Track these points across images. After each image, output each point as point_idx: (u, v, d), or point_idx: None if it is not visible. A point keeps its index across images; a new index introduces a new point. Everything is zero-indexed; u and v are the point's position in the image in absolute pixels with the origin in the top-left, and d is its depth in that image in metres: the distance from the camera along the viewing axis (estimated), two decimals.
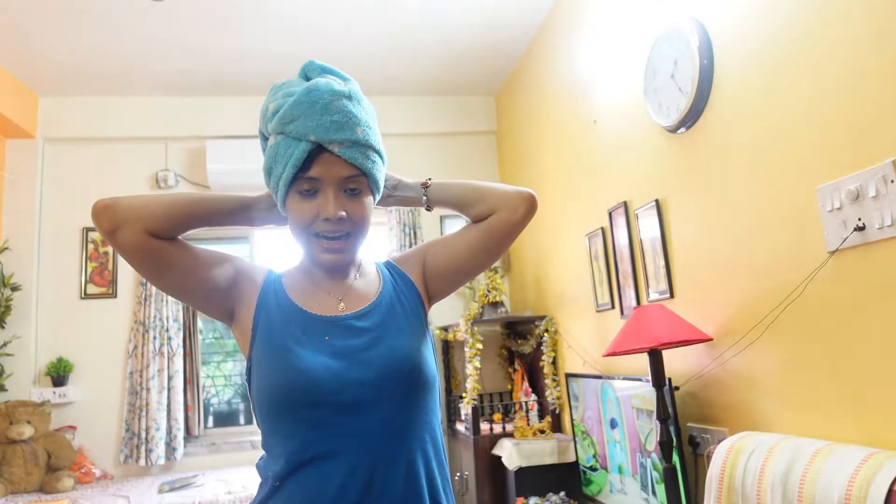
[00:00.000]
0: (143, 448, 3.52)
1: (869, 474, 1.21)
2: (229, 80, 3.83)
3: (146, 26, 3.19)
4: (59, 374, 3.57)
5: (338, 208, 0.98)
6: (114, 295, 3.80)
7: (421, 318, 1.10)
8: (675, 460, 1.92)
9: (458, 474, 3.44)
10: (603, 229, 2.72)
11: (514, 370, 3.72)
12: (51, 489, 3.17)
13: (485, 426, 3.23)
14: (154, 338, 3.66)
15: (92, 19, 3.09)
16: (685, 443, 2.08)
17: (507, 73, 4.02)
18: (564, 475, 2.91)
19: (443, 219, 4.22)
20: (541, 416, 3.29)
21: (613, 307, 2.66)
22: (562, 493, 2.82)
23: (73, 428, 3.56)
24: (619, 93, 2.56)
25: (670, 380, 1.96)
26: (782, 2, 1.64)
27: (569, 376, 2.86)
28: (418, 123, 4.25)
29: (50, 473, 3.24)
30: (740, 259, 1.84)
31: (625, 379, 2.31)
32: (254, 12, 3.14)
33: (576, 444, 2.79)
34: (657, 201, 2.26)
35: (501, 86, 4.21)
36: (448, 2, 3.17)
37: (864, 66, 1.40)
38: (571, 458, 2.89)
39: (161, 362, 3.65)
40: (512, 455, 2.91)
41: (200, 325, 3.97)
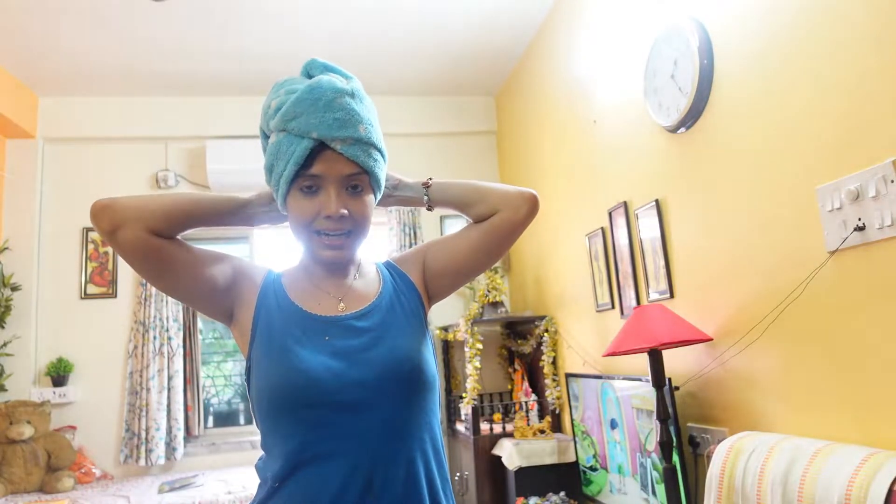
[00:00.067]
0: (143, 448, 3.52)
1: (869, 474, 1.21)
2: (229, 80, 3.83)
3: (146, 26, 3.19)
4: (59, 374, 3.57)
5: (339, 206, 0.98)
6: (114, 295, 3.80)
7: (421, 318, 1.10)
8: (675, 460, 1.92)
9: (458, 474, 3.44)
10: (603, 229, 2.72)
11: (514, 370, 3.72)
12: (51, 489, 3.17)
13: (485, 426, 3.22)
14: (154, 338, 3.67)
15: (92, 19, 3.09)
16: (685, 443, 2.08)
17: (507, 73, 4.02)
18: (564, 475, 2.91)
19: (443, 219, 4.22)
20: (541, 416, 3.29)
21: (613, 307, 2.66)
22: (562, 494, 2.82)
23: (73, 428, 3.56)
24: (619, 93, 2.56)
25: (670, 380, 1.96)
26: (783, 2, 1.63)
27: (569, 376, 2.86)
28: (418, 123, 4.25)
29: (50, 473, 3.24)
30: (740, 259, 1.84)
31: (625, 379, 2.31)
32: (254, 12, 3.14)
33: (576, 444, 2.79)
34: (657, 201, 2.26)
35: (501, 86, 4.21)
36: (448, 2, 3.17)
37: (864, 66, 1.40)
38: (571, 458, 2.89)
39: (161, 362, 3.65)
40: (512, 455, 2.90)
41: (200, 325, 3.96)
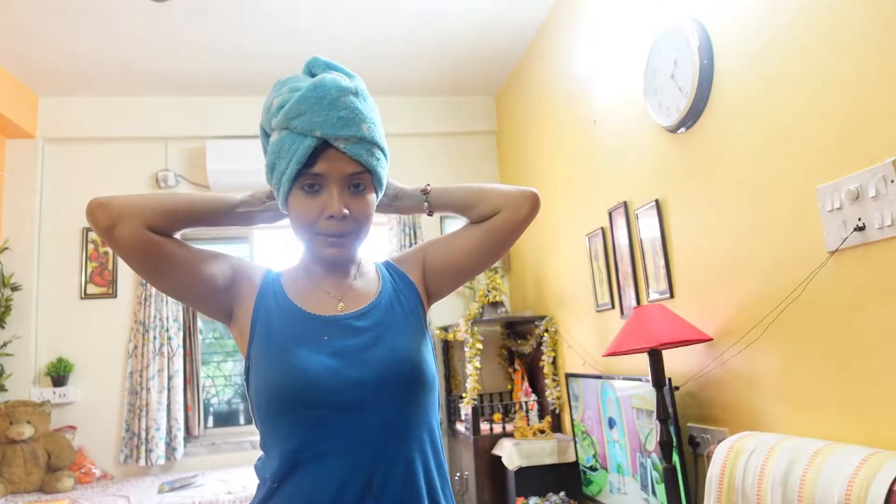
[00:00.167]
0: (143, 448, 3.52)
1: (869, 474, 1.21)
2: (229, 80, 3.83)
3: (146, 26, 3.19)
4: (59, 374, 3.57)
5: (342, 205, 0.97)
6: (114, 295, 3.80)
7: (420, 317, 1.10)
8: (675, 460, 1.92)
9: (458, 474, 3.44)
10: (603, 229, 2.72)
11: (514, 370, 3.71)
12: (51, 489, 3.17)
13: (485, 426, 3.22)
14: (154, 338, 3.67)
15: (92, 19, 3.09)
16: (685, 443, 2.08)
17: (507, 73, 4.02)
18: (564, 475, 2.91)
19: (443, 219, 4.21)
20: (541, 416, 3.29)
21: (613, 307, 2.66)
22: (562, 493, 2.82)
23: (73, 428, 3.56)
24: (619, 93, 2.56)
25: (670, 380, 1.96)
26: (782, 2, 1.63)
27: (569, 376, 2.86)
28: (418, 123, 4.24)
29: (50, 473, 3.24)
30: (740, 259, 1.84)
31: (625, 379, 2.31)
32: (254, 12, 3.14)
33: (576, 444, 2.79)
34: (657, 201, 2.26)
35: (501, 86, 4.21)
36: (448, 2, 3.17)
37: (864, 66, 1.39)
38: (571, 458, 2.89)
39: (161, 362, 3.65)
40: (512, 455, 2.90)
41: (200, 325, 3.96)
